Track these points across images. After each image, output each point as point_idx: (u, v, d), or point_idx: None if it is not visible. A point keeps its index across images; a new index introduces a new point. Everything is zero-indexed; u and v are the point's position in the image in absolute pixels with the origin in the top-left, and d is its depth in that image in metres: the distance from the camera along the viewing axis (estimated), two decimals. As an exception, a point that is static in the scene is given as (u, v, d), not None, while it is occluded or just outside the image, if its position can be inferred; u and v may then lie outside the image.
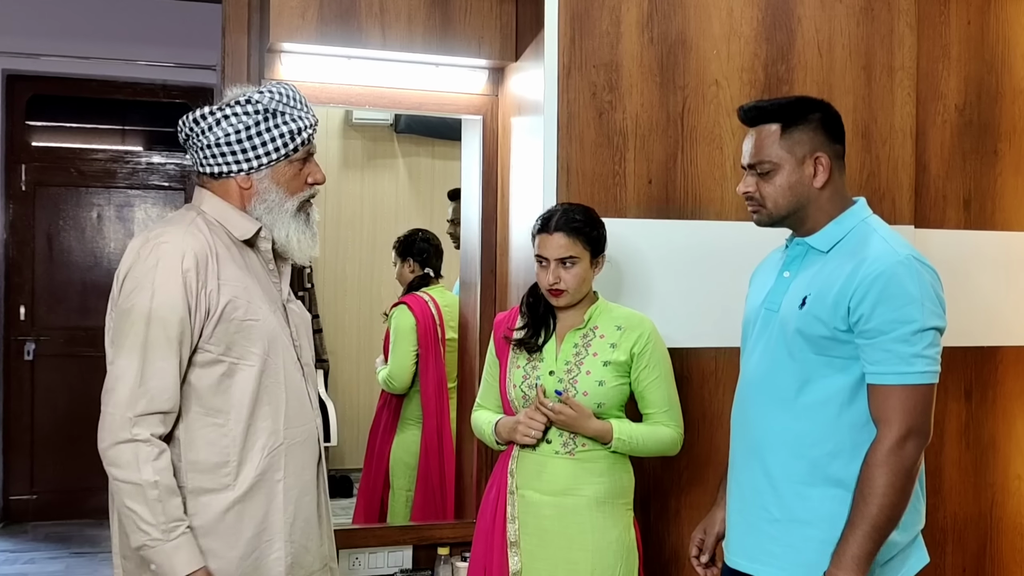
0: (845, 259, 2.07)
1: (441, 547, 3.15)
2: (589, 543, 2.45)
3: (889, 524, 1.97)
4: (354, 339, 3.79)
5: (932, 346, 1.99)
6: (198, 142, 2.08)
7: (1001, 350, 3.22)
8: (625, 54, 2.83)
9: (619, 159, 2.82)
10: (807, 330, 2.06)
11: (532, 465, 2.50)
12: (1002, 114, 3.22)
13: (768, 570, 2.12)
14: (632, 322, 2.52)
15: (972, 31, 3.18)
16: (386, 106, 3.17)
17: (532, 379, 2.50)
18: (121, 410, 1.93)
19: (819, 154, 2.12)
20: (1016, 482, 3.24)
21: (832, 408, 2.06)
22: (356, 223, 3.80)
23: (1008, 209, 3.22)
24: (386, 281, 3.78)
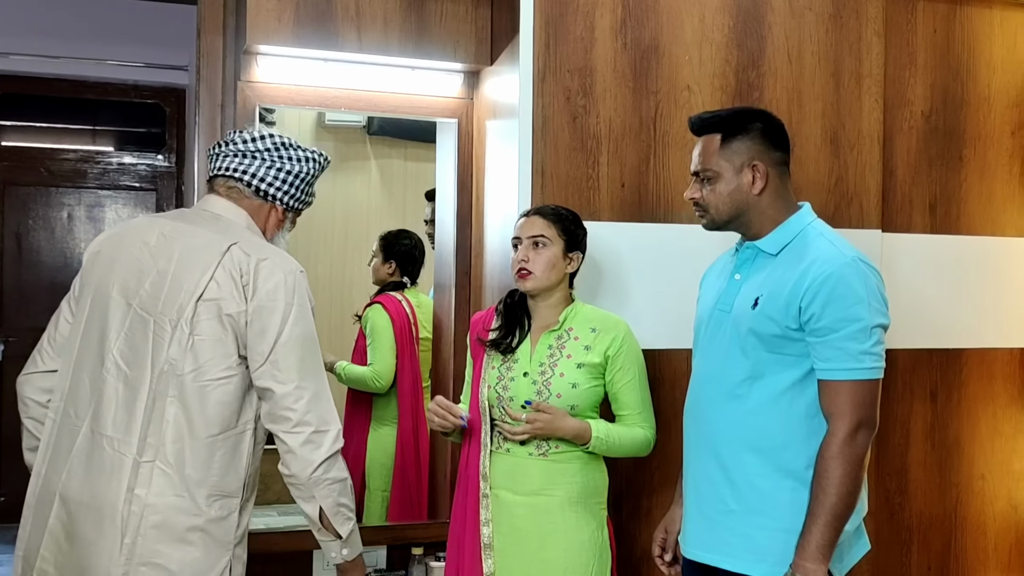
0: (795, 261, 2.18)
1: (415, 547, 3.17)
2: (562, 542, 2.47)
3: (847, 512, 2.08)
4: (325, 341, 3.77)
5: (878, 343, 2.11)
6: (279, 163, 2.24)
7: (966, 352, 3.29)
8: (599, 59, 2.86)
9: (593, 163, 2.86)
10: (760, 329, 2.17)
11: (505, 466, 2.52)
12: (967, 121, 3.28)
13: (726, 559, 2.22)
14: (607, 324, 2.54)
15: (938, 39, 3.24)
16: (362, 109, 3.18)
17: (506, 380, 2.53)
18: (337, 422, 2.12)
19: (756, 162, 2.24)
20: (980, 482, 3.30)
21: (783, 402, 2.17)
22: (328, 225, 3.80)
23: (972, 214, 3.29)
24: (358, 283, 3.79)
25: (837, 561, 2.18)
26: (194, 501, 2.02)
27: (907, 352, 3.20)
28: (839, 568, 2.19)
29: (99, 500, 2.00)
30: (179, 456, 2.01)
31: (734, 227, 2.31)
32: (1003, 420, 3.33)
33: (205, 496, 2.03)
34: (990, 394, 3.31)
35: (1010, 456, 3.33)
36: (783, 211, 2.26)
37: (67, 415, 2.10)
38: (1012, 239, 3.33)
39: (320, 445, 2.06)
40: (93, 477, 2.02)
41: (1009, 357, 3.34)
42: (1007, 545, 3.34)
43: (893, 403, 3.20)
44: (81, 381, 2.09)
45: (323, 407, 2.09)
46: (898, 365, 3.19)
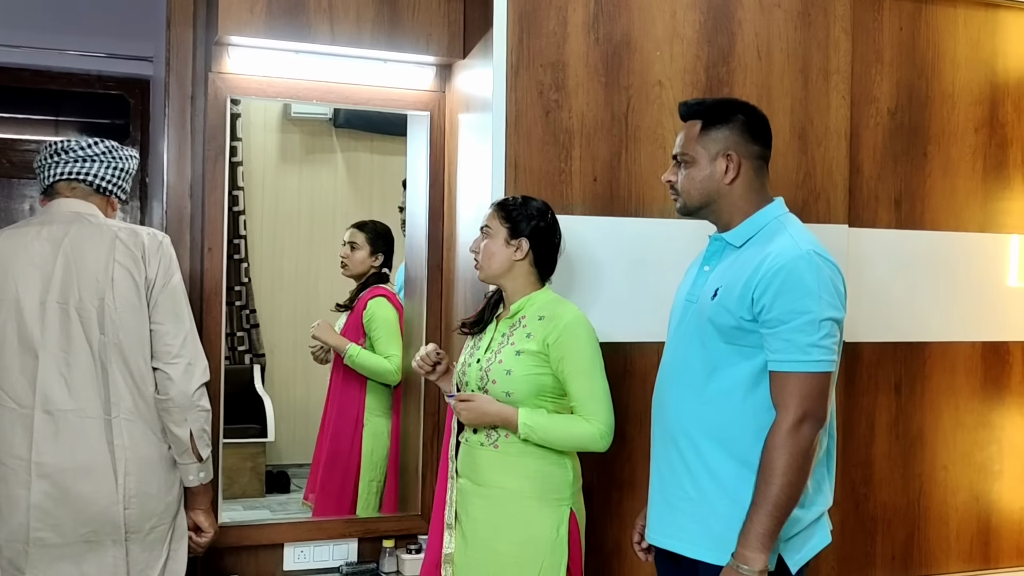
0: (754, 253, 2.21)
1: (386, 539, 3.18)
2: (512, 535, 2.46)
3: (789, 502, 2.09)
4: (291, 334, 3.78)
5: (828, 336, 2.11)
6: (114, 162, 2.63)
7: (929, 345, 3.35)
8: (571, 54, 2.88)
9: (565, 157, 2.87)
10: (717, 320, 2.19)
11: (466, 455, 2.55)
12: (931, 118, 3.33)
13: (683, 545, 2.25)
14: (554, 313, 2.50)
15: (904, 37, 3.29)
16: (333, 101, 3.18)
17: (466, 365, 2.58)
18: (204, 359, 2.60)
19: (731, 152, 2.26)
20: (942, 472, 3.36)
21: (739, 393, 2.18)
22: (293, 218, 3.80)
23: (936, 209, 3.34)
24: (324, 275, 3.79)
25: (795, 551, 2.20)
26: (156, 436, 2.50)
27: (872, 345, 3.26)
28: (797, 559, 2.21)
29: (87, 460, 2.41)
30: (135, 406, 2.46)
31: (705, 215, 2.33)
32: (965, 412, 3.39)
33: (160, 431, 2.50)
34: (952, 387, 3.38)
35: (971, 448, 3.40)
36: (754, 204, 2.28)
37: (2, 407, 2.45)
38: (974, 234, 3.39)
39: (193, 375, 2.51)
40: (70, 445, 2.41)
41: (971, 350, 3.40)
42: (968, 535, 3.40)
43: (858, 395, 3.25)
44: (9, 375, 2.43)
45: (195, 345, 2.57)
46: (863, 358, 3.24)
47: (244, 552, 3.07)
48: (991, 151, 3.42)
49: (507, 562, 2.45)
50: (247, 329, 3.69)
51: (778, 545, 2.15)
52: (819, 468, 2.26)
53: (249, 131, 3.62)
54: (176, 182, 3.06)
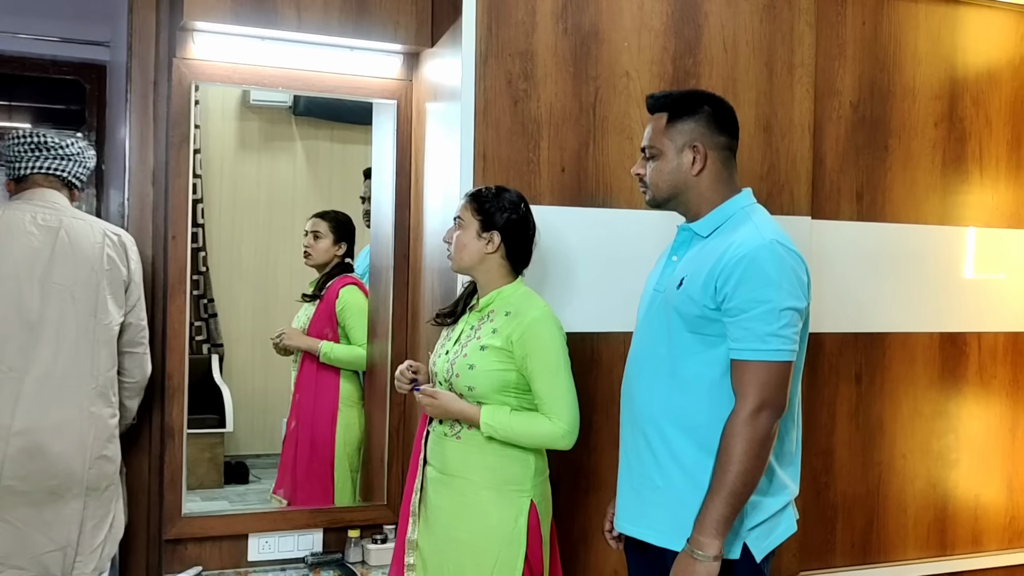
0: (719, 243, 2.22)
1: (352, 530, 3.17)
2: (470, 525, 2.46)
3: (745, 489, 2.10)
4: (249, 323, 3.75)
5: (789, 326, 2.13)
6: (83, 160, 2.92)
7: (889, 336, 3.40)
8: (540, 44, 2.87)
9: (533, 147, 2.87)
10: (682, 309, 2.21)
11: (434, 443, 2.55)
12: (893, 111, 3.38)
13: (650, 533, 2.27)
14: (520, 309, 2.48)
15: (866, 31, 3.33)
16: (300, 88, 3.15)
17: (437, 355, 2.57)
18: None
19: (697, 144, 2.28)
20: (901, 461, 3.42)
21: (704, 382, 2.20)
22: (252, 206, 3.76)
23: (897, 202, 3.39)
24: (283, 265, 3.76)
25: (761, 540, 2.22)
26: (113, 409, 2.82)
27: (833, 336, 3.30)
28: (762, 547, 2.23)
29: (64, 422, 2.70)
30: (107, 381, 2.79)
31: (673, 206, 2.34)
32: (923, 402, 3.45)
33: (116, 405, 2.83)
34: (911, 377, 3.43)
35: (929, 436, 3.46)
36: (722, 194, 2.30)
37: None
38: (933, 227, 3.44)
39: (150, 361, 2.94)
40: (52, 408, 2.70)
41: (929, 341, 3.46)
42: (926, 522, 3.46)
43: (820, 385, 3.29)
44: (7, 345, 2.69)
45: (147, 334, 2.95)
46: (825, 348, 3.28)
47: (208, 543, 3.05)
48: (950, 145, 3.47)
49: (465, 551, 2.46)
50: (205, 319, 3.65)
51: (743, 533, 2.17)
52: (786, 457, 2.29)
53: (207, 118, 3.58)
54: (138, 169, 3.02)
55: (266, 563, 3.10)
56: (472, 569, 2.44)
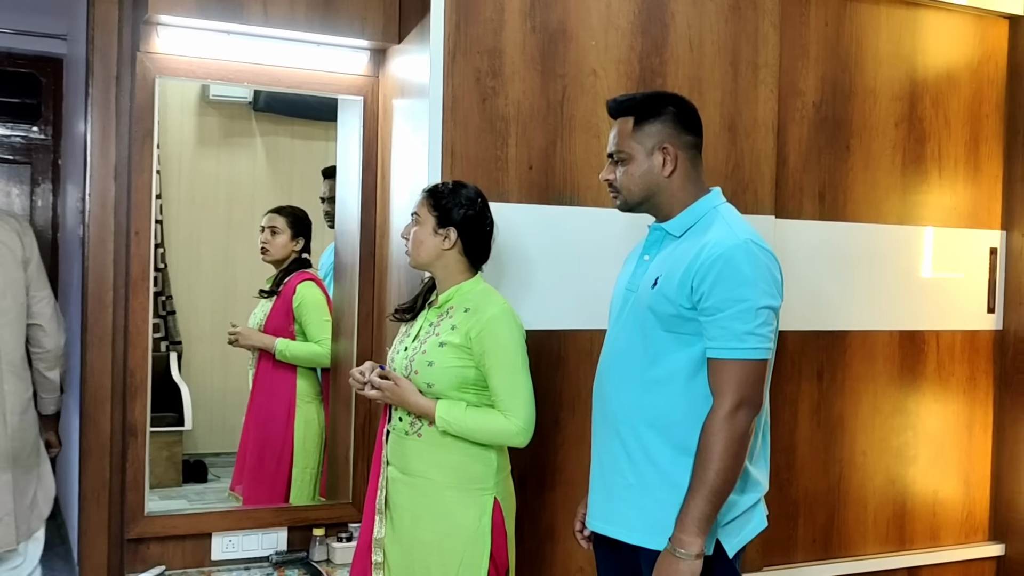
0: (693, 242, 2.24)
1: (316, 528, 3.15)
2: (434, 525, 2.45)
3: (725, 487, 2.13)
4: (208, 321, 3.72)
5: (765, 324, 2.16)
6: None
7: (850, 334, 3.44)
8: (508, 41, 2.88)
9: (501, 144, 2.87)
10: (657, 308, 2.22)
11: (395, 443, 2.54)
12: (854, 112, 3.42)
13: (623, 532, 2.28)
14: (480, 305, 2.48)
15: (829, 32, 3.37)
16: (265, 84, 3.13)
17: (395, 351, 2.57)
18: None
19: (667, 145, 2.29)
20: (861, 457, 3.46)
21: (679, 381, 2.21)
22: (211, 203, 3.73)
23: (858, 201, 3.44)
24: (242, 262, 3.73)
25: (733, 535, 2.24)
26: (27, 384, 2.99)
27: (796, 334, 3.34)
28: (735, 543, 2.25)
29: None
30: (17, 359, 2.95)
31: (646, 209, 2.35)
32: (883, 399, 3.50)
33: (29, 382, 2.99)
34: (871, 374, 3.48)
35: (888, 433, 3.51)
36: (692, 194, 2.32)
37: None
38: (893, 226, 3.49)
39: (62, 332, 3.10)
40: None
41: (889, 339, 3.51)
42: (885, 518, 3.51)
43: (783, 383, 3.32)
44: None
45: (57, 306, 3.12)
46: (788, 346, 3.32)
47: (171, 542, 3.02)
48: (910, 145, 3.52)
49: (430, 551, 2.45)
50: (163, 316, 3.62)
51: (716, 529, 2.19)
52: (758, 454, 2.31)
53: (166, 113, 3.53)
54: (100, 164, 2.97)
55: (230, 562, 3.08)
56: (438, 569, 2.44)
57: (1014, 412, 3.67)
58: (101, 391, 2.95)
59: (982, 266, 3.68)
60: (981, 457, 3.69)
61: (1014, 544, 3.67)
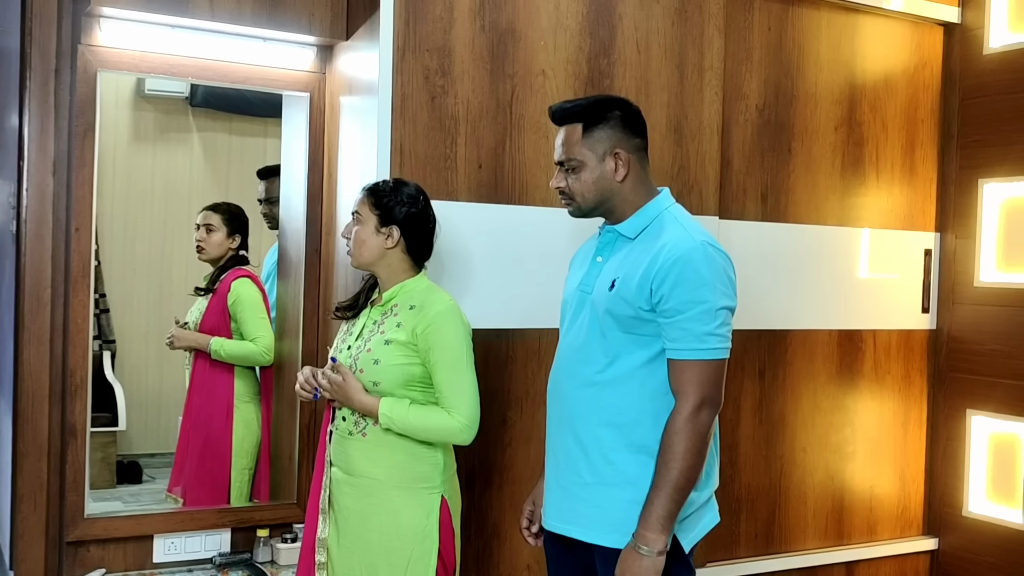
0: (649, 245, 2.27)
1: (260, 529, 3.12)
2: (381, 525, 2.44)
3: (688, 485, 2.17)
4: (143, 319, 3.66)
5: (724, 325, 2.20)
6: None
7: (791, 333, 3.50)
8: (457, 40, 2.87)
9: (451, 143, 2.87)
10: (616, 310, 2.24)
11: (338, 444, 2.51)
12: (796, 115, 3.48)
13: (579, 530, 2.30)
14: (425, 302, 2.47)
15: (772, 37, 3.42)
16: (210, 78, 3.08)
17: (338, 351, 2.54)
18: None
19: (618, 150, 2.30)
20: (801, 454, 3.53)
21: (636, 380, 2.24)
22: (147, 199, 3.66)
23: (799, 203, 3.50)
24: (178, 259, 3.67)
25: (688, 531, 2.28)
26: None
27: (740, 333, 3.38)
28: (690, 538, 2.29)
29: None
30: None
31: (599, 213, 2.37)
32: (822, 396, 3.56)
33: None
34: (811, 372, 3.54)
35: (828, 430, 3.58)
36: (643, 196, 2.34)
37: None
38: (833, 228, 3.56)
39: None
40: None
41: (828, 338, 3.58)
42: (824, 513, 3.58)
43: (726, 381, 3.34)
44: None
45: None
46: (732, 345, 3.35)
47: (111, 544, 2.96)
48: (849, 149, 3.59)
49: (377, 551, 2.44)
50: (97, 314, 3.54)
51: (673, 526, 2.22)
52: (715, 454, 2.34)
53: (100, 108, 3.47)
54: (38, 159, 2.90)
55: (172, 564, 3.03)
56: (385, 569, 2.43)
57: (947, 409, 3.77)
58: (39, 391, 2.87)
59: (917, 267, 3.77)
60: (916, 453, 3.78)
61: (947, 538, 3.77)
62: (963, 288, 3.73)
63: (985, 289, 3.66)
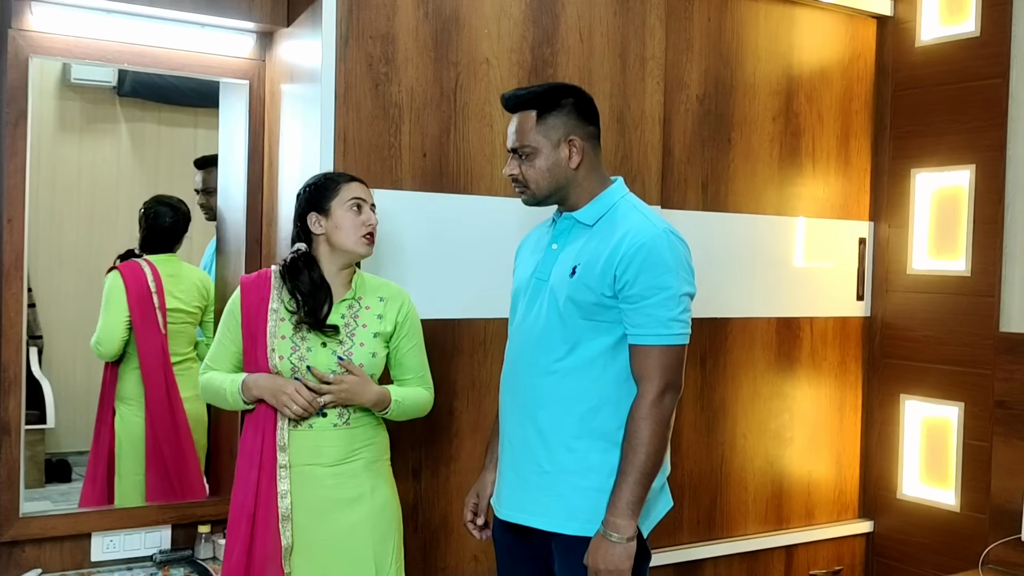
0: (609, 232, 2.27)
1: (201, 525, 3.06)
2: (366, 506, 2.48)
3: (654, 470, 2.19)
4: (71, 314, 3.57)
5: (686, 311, 2.24)
6: None
7: (731, 321, 3.54)
8: (401, 27, 2.84)
9: (395, 131, 2.84)
10: (577, 297, 2.25)
11: (308, 442, 2.46)
12: (735, 106, 3.52)
13: (538, 519, 2.30)
14: (392, 292, 2.57)
15: (712, 28, 3.45)
16: (147, 65, 3.00)
17: (302, 350, 2.45)
18: None
19: (572, 137, 2.31)
20: (742, 440, 3.57)
21: (597, 367, 2.25)
22: (73, 191, 3.57)
23: (738, 193, 3.54)
24: (105, 252, 3.59)
25: (644, 517, 2.29)
26: None
27: (681, 321, 3.41)
28: (646, 524, 2.31)
29: None
30: None
31: (553, 201, 2.37)
32: (761, 383, 3.61)
33: None
34: (751, 360, 3.59)
35: (767, 417, 3.63)
36: (598, 184, 2.35)
37: None
38: (771, 217, 3.61)
39: None
40: None
41: (767, 326, 3.63)
42: (764, 498, 3.63)
43: (670, 369, 3.39)
44: None
45: None
46: (676, 333, 3.39)
47: (47, 544, 2.88)
48: (786, 139, 3.64)
49: (362, 533, 2.47)
50: (23, 309, 3.46)
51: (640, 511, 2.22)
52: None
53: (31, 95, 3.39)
54: (-33, 147, 2.81)
55: (111, 563, 2.95)
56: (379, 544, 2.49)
57: (881, 394, 3.85)
58: (-30, 387, 2.79)
59: (852, 255, 3.84)
60: (851, 438, 3.86)
61: (882, 520, 3.85)
62: (896, 276, 3.81)
63: (917, 277, 3.74)
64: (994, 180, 3.50)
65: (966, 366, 3.57)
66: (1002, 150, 3.48)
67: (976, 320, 3.55)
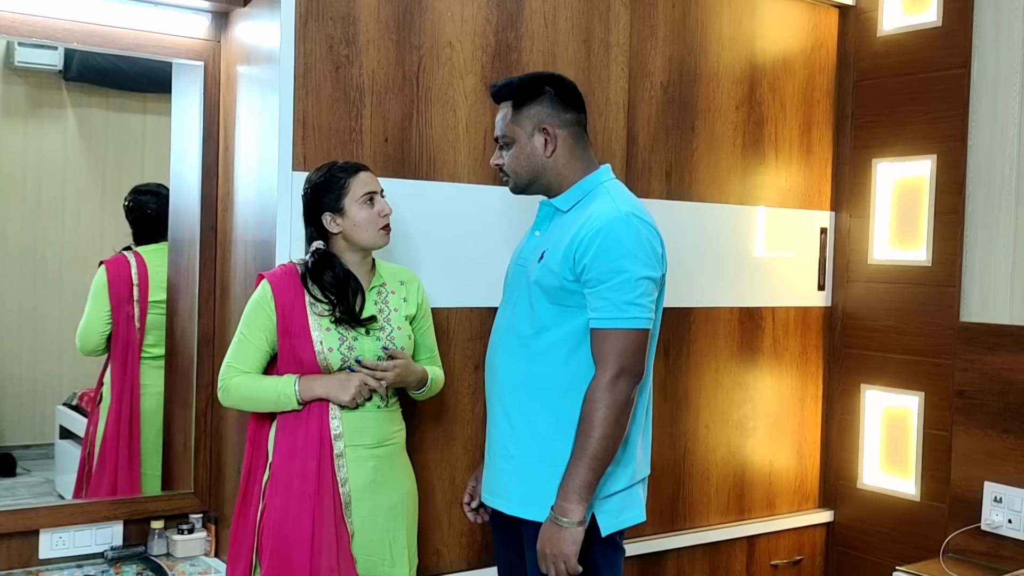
0: (576, 216, 2.29)
1: (155, 520, 2.98)
2: (404, 486, 2.57)
3: (606, 455, 2.17)
4: (16, 306, 3.47)
5: (645, 295, 2.22)
6: None
7: (694, 311, 3.52)
8: (362, 8, 2.77)
9: (356, 115, 2.77)
10: (543, 281, 2.27)
11: (355, 423, 2.47)
12: (699, 94, 3.49)
13: (504, 503, 2.33)
14: (408, 275, 2.65)
15: (676, 15, 3.41)
16: (96, 45, 2.90)
17: (349, 340, 2.47)
18: None
19: (546, 126, 2.34)
20: (704, 431, 3.55)
21: (562, 351, 2.26)
22: (18, 179, 3.47)
23: (702, 181, 3.51)
24: (52, 243, 3.50)
25: (610, 515, 2.27)
26: None
27: (645, 311, 3.38)
28: (611, 523, 2.27)
29: None
30: None
31: (536, 189, 2.40)
32: (724, 373, 3.59)
33: None
34: (713, 350, 3.57)
35: (729, 407, 3.61)
36: (580, 170, 2.36)
37: None
38: (735, 206, 3.59)
39: None
40: None
41: (730, 315, 3.61)
42: (727, 488, 3.62)
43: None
44: None
45: None
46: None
47: (-7, 540, 2.78)
48: (749, 128, 3.62)
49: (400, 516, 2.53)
50: (-36, 300, 3.35)
51: (594, 502, 2.20)
52: (641, 434, 2.33)
53: (-27, 78, 3.28)
54: (-95, 128, 2.69)
55: (60, 560, 2.86)
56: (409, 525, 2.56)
57: (842, 384, 3.85)
58: (-90, 379, 2.68)
59: (813, 245, 3.83)
60: (812, 428, 3.86)
61: (841, 510, 3.86)
62: (857, 266, 3.82)
63: (878, 267, 3.75)
64: (955, 170, 3.51)
65: (926, 356, 3.58)
66: (963, 140, 3.48)
67: (937, 310, 3.56)
